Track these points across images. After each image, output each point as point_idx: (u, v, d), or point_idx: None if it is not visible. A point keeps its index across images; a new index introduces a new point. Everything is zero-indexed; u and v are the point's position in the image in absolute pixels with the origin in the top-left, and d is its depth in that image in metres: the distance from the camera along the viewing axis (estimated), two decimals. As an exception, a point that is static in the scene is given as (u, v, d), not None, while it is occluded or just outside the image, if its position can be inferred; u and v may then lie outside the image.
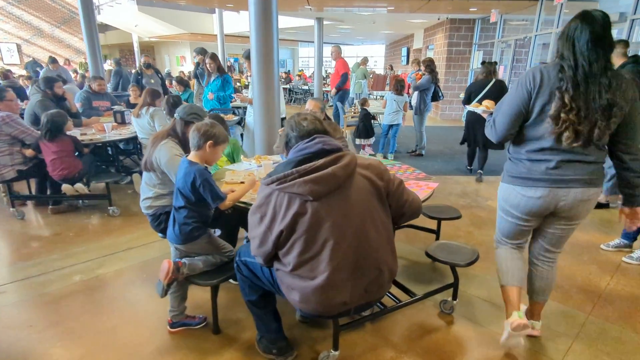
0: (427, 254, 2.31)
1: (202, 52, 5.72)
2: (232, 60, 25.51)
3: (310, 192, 1.48)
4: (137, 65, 7.33)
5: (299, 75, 16.27)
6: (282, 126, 3.39)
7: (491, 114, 2.02)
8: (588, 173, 1.79)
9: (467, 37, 10.83)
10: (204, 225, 2.07)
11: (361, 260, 1.61)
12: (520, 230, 2.05)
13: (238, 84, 12.10)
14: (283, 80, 16.52)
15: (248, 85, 13.54)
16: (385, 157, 6.47)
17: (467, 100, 5.02)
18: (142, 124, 4.13)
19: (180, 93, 6.35)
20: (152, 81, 7.11)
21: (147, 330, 2.29)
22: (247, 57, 4.24)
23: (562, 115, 1.67)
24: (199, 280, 2.03)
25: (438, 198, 4.60)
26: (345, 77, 7.57)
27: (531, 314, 2.21)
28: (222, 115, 5.11)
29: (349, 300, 1.62)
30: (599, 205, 4.34)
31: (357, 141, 6.57)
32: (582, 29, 1.66)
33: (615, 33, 7.71)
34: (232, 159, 3.27)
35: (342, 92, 7.29)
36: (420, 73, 6.54)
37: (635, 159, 1.78)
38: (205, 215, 2.06)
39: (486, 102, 2.33)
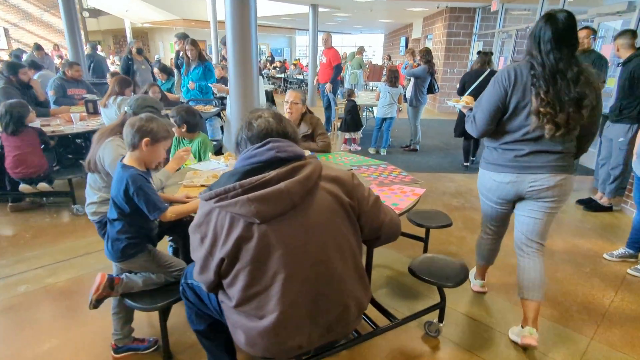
0: (411, 271, 2.02)
1: (182, 37, 5.36)
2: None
3: (255, 213, 1.18)
4: (127, 50, 6.87)
5: (294, 64, 15.85)
6: None
7: (471, 109, 2.12)
8: (555, 160, 1.92)
9: (467, 27, 10.44)
10: (142, 241, 1.77)
11: (322, 295, 1.31)
12: (497, 213, 2.23)
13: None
14: (278, 69, 16.12)
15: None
16: (377, 152, 6.17)
17: (462, 90, 5.03)
18: (110, 115, 3.80)
19: (163, 82, 6.00)
20: (143, 67, 6.72)
21: (87, 355, 2.00)
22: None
23: (542, 109, 1.79)
24: (139, 304, 1.74)
25: (430, 198, 4.31)
26: (339, 69, 7.22)
27: (525, 319, 2.11)
28: (201, 105, 4.81)
29: (306, 343, 1.32)
30: (602, 209, 4.06)
31: (346, 135, 6.26)
32: (546, 29, 1.79)
33: (621, 24, 7.37)
34: (200, 157, 2.97)
35: (331, 83, 6.94)
36: (415, 64, 6.20)
37: (588, 145, 2.04)
38: (145, 228, 1.77)
39: (465, 98, 2.30)
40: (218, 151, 4.28)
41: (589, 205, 4.14)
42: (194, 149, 3.01)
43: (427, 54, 5.91)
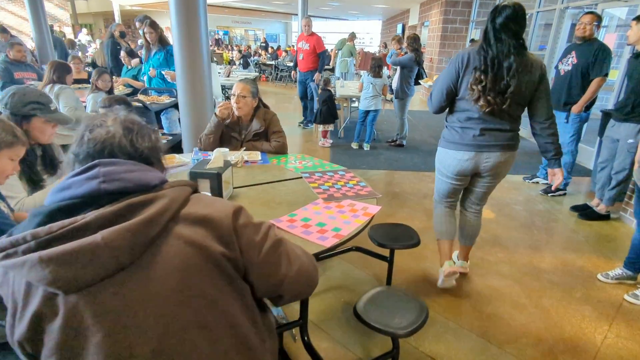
0: (356, 314, 1.62)
1: (142, 19, 4.88)
2: (220, 33, 24.37)
3: (52, 280, 0.76)
4: (109, 34, 6.39)
5: (286, 51, 15.30)
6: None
7: None
8: (505, 139, 2.17)
9: (464, 14, 9.93)
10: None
11: None
12: (453, 189, 2.44)
13: (214, 59, 11.18)
14: (269, 56, 15.57)
15: (231, 61, 12.60)
16: (360, 147, 5.75)
17: None
18: (47, 106, 3.37)
19: (130, 68, 5.54)
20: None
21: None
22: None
23: (474, 87, 2.05)
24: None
25: (410, 202, 3.90)
26: (324, 56, 6.72)
27: (462, 256, 2.65)
28: (155, 95, 4.35)
29: None
30: (598, 217, 3.65)
31: (320, 127, 5.82)
32: (491, 19, 2.03)
33: (626, 12, 6.89)
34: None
35: (314, 72, 6.46)
36: (402, 52, 5.73)
37: (543, 127, 2.16)
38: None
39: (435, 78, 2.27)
40: (178, 147, 3.85)
41: (584, 212, 3.74)
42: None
43: (414, 41, 5.45)
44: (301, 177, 2.21)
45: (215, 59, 11.23)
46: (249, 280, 0.97)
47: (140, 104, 3.31)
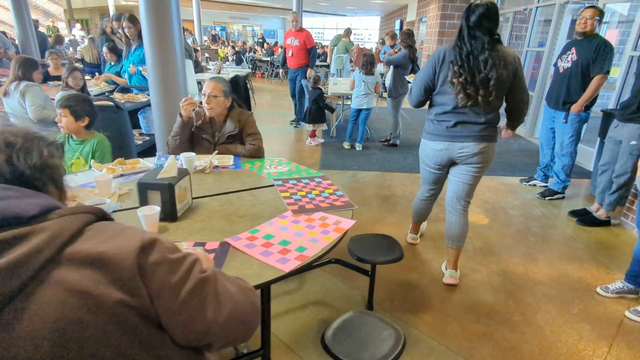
0: (323, 345, 1.43)
1: (117, 18, 4.67)
2: (218, 28, 24.11)
3: None
4: (101, 31, 6.16)
5: (282, 47, 15.04)
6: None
7: None
8: (479, 130, 2.24)
9: (462, 9, 9.67)
10: None
11: None
12: (434, 177, 2.56)
13: (205, 55, 10.96)
14: (265, 52, 15.33)
15: (227, 58, 12.35)
16: (352, 147, 5.56)
17: None
18: (12, 105, 3.18)
19: (113, 64, 5.33)
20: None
21: None
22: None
23: (454, 80, 2.15)
24: None
25: (400, 206, 3.71)
26: (315, 52, 6.55)
27: (450, 263, 2.59)
28: (132, 94, 4.14)
29: None
30: (597, 223, 3.47)
31: (309, 127, 5.62)
32: (466, 17, 2.13)
33: (628, 7, 6.67)
34: (93, 159, 2.36)
35: (305, 68, 6.26)
36: (395, 50, 5.53)
37: (517, 109, 2.34)
38: None
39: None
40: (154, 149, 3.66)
41: (583, 218, 3.55)
42: (88, 151, 2.39)
43: (407, 38, 5.24)
44: (273, 185, 2.02)
45: (207, 55, 11.01)
46: (168, 328, 0.79)
47: (112, 104, 3.10)
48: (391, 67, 5.38)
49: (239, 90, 6.96)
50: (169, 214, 1.55)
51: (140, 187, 1.53)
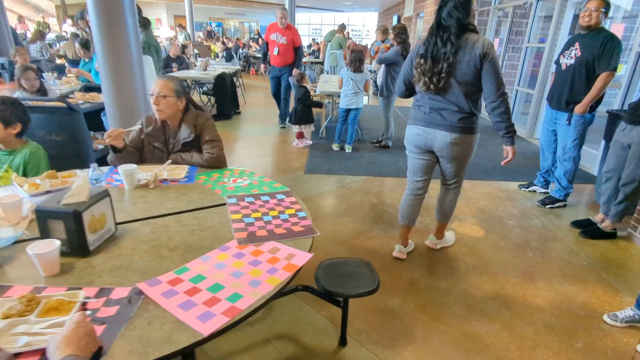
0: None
1: (82, 15, 4.34)
2: (214, 25, 23.74)
3: None
4: (85, 23, 5.77)
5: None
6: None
7: None
8: (452, 120, 2.30)
9: (461, 4, 9.34)
10: None
11: None
12: (418, 164, 2.58)
13: (193, 52, 10.63)
14: (259, 48, 14.98)
15: (218, 54, 11.99)
16: (342, 148, 5.24)
17: None
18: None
19: (87, 61, 5.01)
20: None
21: None
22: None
23: (415, 70, 2.32)
24: None
25: (387, 216, 3.40)
26: (302, 51, 6.28)
27: (435, 231, 2.89)
28: (94, 93, 3.82)
29: None
30: (603, 235, 3.16)
31: (296, 128, 5.31)
32: (438, 8, 2.24)
33: (632, 2, 6.35)
34: (25, 173, 2.05)
35: (292, 67, 5.94)
36: (388, 45, 5.20)
37: (493, 107, 2.26)
38: None
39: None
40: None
41: (587, 230, 3.24)
42: (19, 162, 2.08)
43: (401, 33, 4.92)
44: (225, 204, 1.71)
45: (198, 52, 10.68)
46: None
47: (65, 105, 2.78)
48: (383, 64, 5.07)
49: (224, 88, 6.66)
50: (77, 248, 1.24)
51: (39, 215, 1.22)
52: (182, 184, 1.92)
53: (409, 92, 2.50)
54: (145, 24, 3.00)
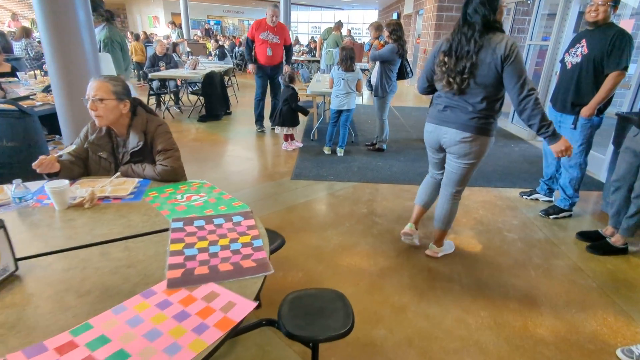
0: None
1: None
2: (212, 22, 23.46)
3: None
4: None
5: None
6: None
7: None
8: (465, 119, 2.24)
9: (461, 1, 9.05)
10: None
11: None
12: (433, 160, 2.63)
13: (185, 50, 10.35)
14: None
15: (210, 52, 11.69)
16: (333, 152, 4.96)
17: None
18: None
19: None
20: None
21: None
22: None
23: (437, 68, 2.27)
24: None
25: (378, 228, 3.11)
26: (292, 49, 6.02)
27: (436, 239, 2.74)
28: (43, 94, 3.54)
29: None
30: (612, 250, 2.87)
31: (282, 130, 5.03)
32: (464, 5, 2.18)
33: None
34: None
35: (282, 65, 5.66)
36: (382, 42, 4.91)
37: (519, 110, 2.17)
38: None
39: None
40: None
41: (595, 244, 2.95)
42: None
43: (396, 29, 4.62)
44: (167, 230, 1.43)
45: (189, 50, 10.39)
46: None
47: (15, 107, 2.51)
48: (377, 62, 4.78)
49: (214, 88, 6.39)
50: (-50, 299, 0.96)
51: None
52: (126, 203, 1.65)
53: (432, 88, 2.43)
54: (108, 17, 2.73)
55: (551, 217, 3.45)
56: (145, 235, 1.39)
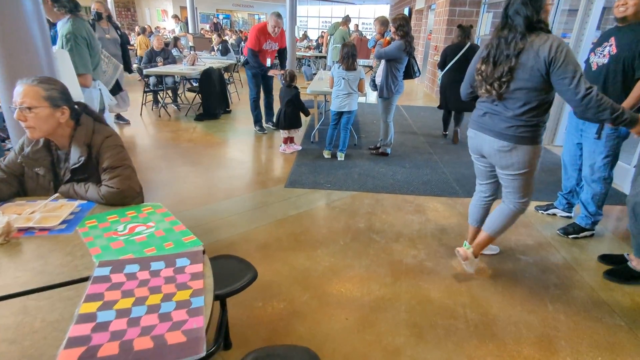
0: None
1: None
2: (221, 16, 23.17)
3: None
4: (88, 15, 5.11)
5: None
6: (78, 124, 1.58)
7: None
8: (503, 127, 2.11)
9: (475, -6, 8.63)
10: None
11: None
12: (477, 168, 2.48)
13: (188, 45, 10.06)
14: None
15: (213, 48, 11.40)
16: (334, 156, 4.64)
17: (443, 64, 5.26)
18: None
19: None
20: (108, 37, 5.06)
21: None
22: None
23: (476, 76, 2.17)
24: None
25: (376, 247, 2.79)
26: (287, 52, 5.74)
27: (474, 244, 2.51)
28: None
29: None
30: (635, 277, 2.51)
31: (283, 133, 4.70)
32: (505, 6, 2.04)
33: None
34: None
35: (275, 66, 5.37)
36: (388, 38, 4.55)
37: (580, 112, 2.20)
38: None
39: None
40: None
41: (614, 270, 2.60)
42: None
43: (403, 25, 4.25)
44: (87, 279, 1.13)
45: (192, 45, 10.10)
46: None
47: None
48: (382, 60, 4.43)
49: (211, 85, 6.09)
50: None
51: None
52: (54, 236, 1.35)
53: (474, 95, 2.30)
54: (72, 8, 2.42)
55: (570, 236, 3.09)
56: (56, 288, 1.08)
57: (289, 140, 4.74)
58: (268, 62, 5.31)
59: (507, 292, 2.40)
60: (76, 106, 1.62)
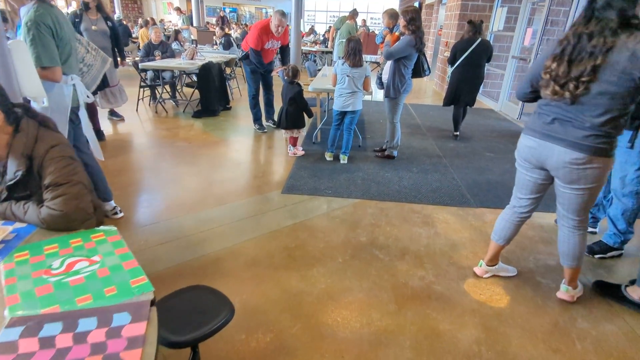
0: None
1: None
2: (227, 10, 22.85)
3: None
4: (75, 5, 4.87)
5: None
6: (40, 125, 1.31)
7: None
8: (578, 136, 1.84)
9: (489, -12, 8.26)
10: None
11: None
12: (524, 180, 2.17)
13: (190, 38, 9.77)
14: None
15: (215, 42, 11.11)
16: (336, 159, 4.34)
17: (453, 60, 5.12)
18: None
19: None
20: (94, 28, 4.74)
21: None
22: None
23: (544, 74, 1.90)
24: None
25: (377, 265, 2.50)
26: (289, 49, 5.46)
27: (566, 279, 2.27)
28: None
29: None
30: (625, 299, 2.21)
31: (286, 133, 4.41)
32: (587, 2, 1.79)
33: None
34: None
35: (274, 61, 5.08)
36: (397, 33, 4.22)
37: None
38: None
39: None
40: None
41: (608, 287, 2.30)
42: None
43: (414, 18, 3.92)
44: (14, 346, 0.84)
45: (194, 38, 9.82)
46: None
47: None
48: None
49: (210, 81, 5.81)
50: None
51: None
52: (-32, 275, 1.07)
53: (535, 95, 2.05)
54: (38, -7, 2.16)
55: (596, 256, 2.77)
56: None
57: (294, 140, 4.42)
58: (269, 62, 5.06)
59: (527, 325, 2.10)
60: (15, 108, 1.33)
